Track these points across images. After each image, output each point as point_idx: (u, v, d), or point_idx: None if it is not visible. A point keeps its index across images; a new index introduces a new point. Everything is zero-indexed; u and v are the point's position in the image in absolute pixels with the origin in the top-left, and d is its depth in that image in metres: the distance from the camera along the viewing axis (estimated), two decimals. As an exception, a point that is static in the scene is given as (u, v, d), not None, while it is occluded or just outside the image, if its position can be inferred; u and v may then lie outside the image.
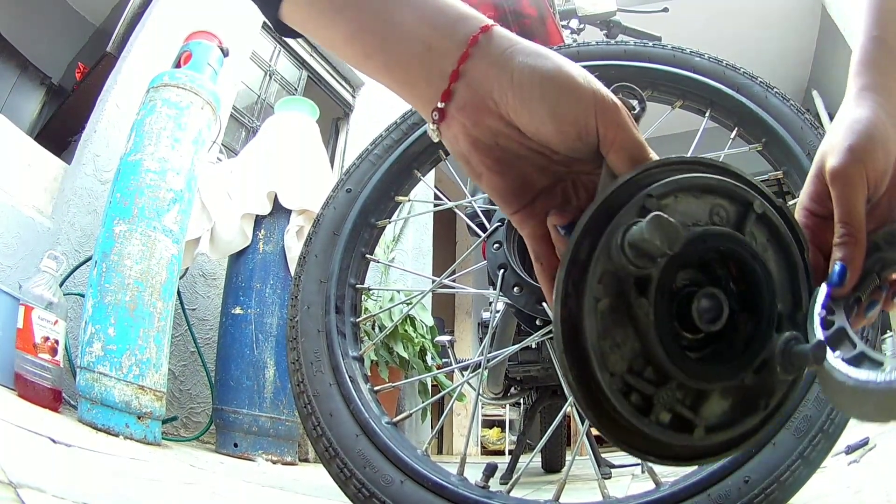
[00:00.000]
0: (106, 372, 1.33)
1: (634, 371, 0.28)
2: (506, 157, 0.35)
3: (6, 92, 3.24)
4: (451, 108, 0.35)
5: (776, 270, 0.32)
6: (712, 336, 0.30)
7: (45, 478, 0.63)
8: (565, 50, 0.94)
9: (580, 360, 0.28)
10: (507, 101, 0.33)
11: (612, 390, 0.28)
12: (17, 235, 1.72)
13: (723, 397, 0.30)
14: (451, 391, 0.93)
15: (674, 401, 0.29)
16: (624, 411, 0.28)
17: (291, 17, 0.39)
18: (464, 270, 0.98)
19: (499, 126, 0.34)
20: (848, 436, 0.85)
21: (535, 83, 0.33)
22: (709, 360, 0.30)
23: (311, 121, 2.15)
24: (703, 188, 0.31)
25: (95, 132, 2.02)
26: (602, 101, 0.32)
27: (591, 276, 0.28)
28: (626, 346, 0.28)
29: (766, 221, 0.32)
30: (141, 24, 2.39)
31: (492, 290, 0.86)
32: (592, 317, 0.28)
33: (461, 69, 0.34)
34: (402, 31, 0.35)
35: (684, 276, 0.30)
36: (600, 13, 1.57)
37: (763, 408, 0.31)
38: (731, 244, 0.30)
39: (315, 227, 0.86)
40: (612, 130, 0.32)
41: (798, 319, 0.32)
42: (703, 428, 0.29)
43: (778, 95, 0.82)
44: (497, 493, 0.65)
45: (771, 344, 0.30)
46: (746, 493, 0.59)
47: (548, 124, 0.33)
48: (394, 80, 0.37)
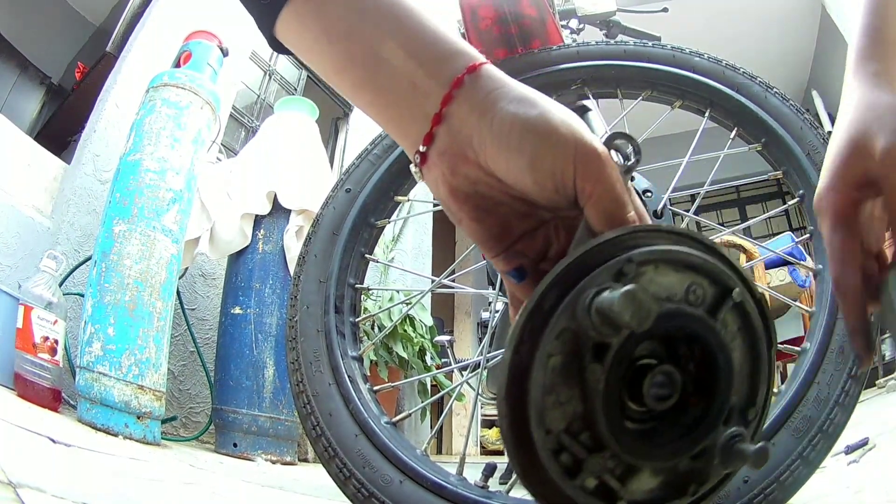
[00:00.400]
0: (105, 372, 1.33)
1: (571, 432, 0.28)
2: (485, 205, 0.34)
3: (6, 92, 3.24)
4: (433, 152, 0.34)
5: (740, 360, 0.31)
6: (658, 412, 0.30)
7: (45, 478, 0.63)
8: (565, 49, 0.94)
9: (519, 410, 0.28)
10: (486, 148, 0.32)
11: (543, 448, 0.27)
12: (17, 235, 1.72)
13: (654, 475, 0.30)
14: (450, 391, 0.93)
15: (603, 469, 0.28)
16: (551, 470, 0.27)
17: (285, 37, 0.38)
18: (463, 270, 0.98)
19: (478, 174, 0.33)
20: (848, 436, 0.85)
21: (515, 132, 0.31)
22: (648, 436, 0.30)
23: (310, 121, 2.15)
24: (687, 264, 0.29)
25: (95, 132, 2.02)
26: (583, 152, 0.30)
27: (550, 329, 0.27)
28: (569, 405, 0.28)
29: (742, 311, 0.31)
30: (141, 23, 2.39)
31: (491, 290, 0.86)
32: (541, 370, 0.27)
33: (443, 112, 0.33)
34: (389, 67, 0.34)
35: (645, 347, 0.30)
36: (600, 13, 1.57)
37: (692, 493, 0.30)
38: (700, 328, 0.29)
39: (314, 226, 0.86)
40: (590, 184, 0.30)
41: (749, 415, 0.31)
42: (626, 502, 0.29)
43: (777, 95, 0.82)
44: (496, 493, 0.65)
45: (715, 435, 0.29)
46: (746, 493, 0.59)
47: (525, 175, 0.31)
48: (381, 115, 0.36)
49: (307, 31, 0.36)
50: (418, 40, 0.34)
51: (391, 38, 0.34)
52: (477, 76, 0.33)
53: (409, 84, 0.34)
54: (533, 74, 0.92)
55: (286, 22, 0.37)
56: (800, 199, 0.77)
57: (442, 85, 0.33)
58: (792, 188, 0.79)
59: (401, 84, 0.34)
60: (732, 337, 0.31)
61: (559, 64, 0.92)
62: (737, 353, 0.31)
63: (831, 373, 0.64)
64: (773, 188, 5.45)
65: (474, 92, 0.32)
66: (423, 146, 0.34)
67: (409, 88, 0.34)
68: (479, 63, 0.34)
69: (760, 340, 0.31)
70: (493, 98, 0.32)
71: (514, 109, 0.31)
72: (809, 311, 0.71)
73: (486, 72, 0.33)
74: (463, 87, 0.33)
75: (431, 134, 0.33)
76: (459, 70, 0.33)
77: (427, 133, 0.33)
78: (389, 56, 0.34)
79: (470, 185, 0.34)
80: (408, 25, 0.34)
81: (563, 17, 1.52)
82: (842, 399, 0.62)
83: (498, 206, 0.34)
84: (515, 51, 1.02)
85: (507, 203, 0.34)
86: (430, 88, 0.33)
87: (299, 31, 0.37)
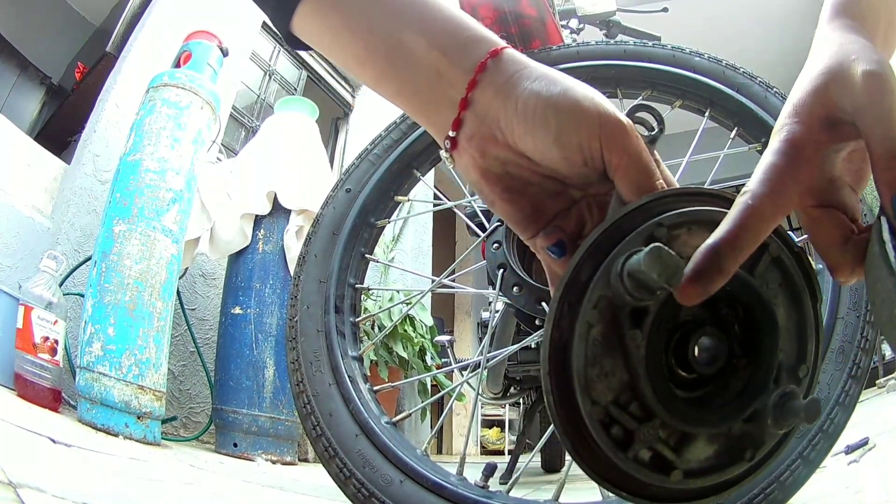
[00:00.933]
0: (105, 372, 1.33)
1: (620, 403, 0.27)
2: (516, 186, 0.35)
3: (6, 92, 3.24)
4: (462, 137, 0.34)
5: (784, 318, 0.30)
6: (707, 377, 0.29)
7: (45, 478, 0.63)
8: (564, 49, 0.94)
9: (564, 385, 0.27)
10: (513, 129, 0.32)
11: (592, 420, 0.27)
12: (17, 235, 1.72)
13: (709, 442, 0.29)
14: (450, 391, 0.93)
15: (656, 439, 0.28)
16: (602, 443, 0.27)
17: (303, 32, 0.38)
18: (463, 270, 0.98)
19: (507, 155, 0.34)
20: (848, 436, 0.85)
21: (539, 109, 0.31)
22: (698, 403, 0.29)
23: (310, 121, 2.15)
24: (718, 223, 0.28)
25: (95, 132, 2.02)
26: (608, 125, 0.31)
27: (588, 300, 0.27)
28: (615, 376, 0.27)
29: (781, 266, 0.30)
30: (141, 24, 2.39)
31: (491, 290, 0.86)
32: (582, 342, 0.27)
33: (469, 97, 0.33)
34: (413, 57, 0.34)
35: (688, 311, 0.29)
36: (600, 13, 1.57)
37: (748, 458, 0.29)
38: (740, 287, 0.29)
39: (314, 226, 0.86)
40: (616, 156, 0.31)
41: (800, 373, 0.30)
42: (682, 471, 0.28)
43: (777, 95, 0.82)
44: (496, 493, 0.65)
45: (765, 396, 0.28)
46: (746, 493, 0.59)
47: (553, 151, 0.32)
48: (408, 105, 0.37)
49: (327, 26, 0.37)
50: (439, 29, 0.35)
51: (411, 28, 0.35)
52: (499, 60, 0.33)
53: (434, 73, 0.34)
54: (533, 74, 0.92)
55: (304, 17, 0.37)
56: (800, 198, 0.77)
57: (466, 71, 0.33)
58: (792, 188, 0.79)
59: (425, 73, 0.34)
60: (774, 294, 0.30)
61: (559, 64, 0.92)
62: (780, 310, 0.30)
63: (831, 373, 0.64)
64: (773, 188, 5.45)
65: (498, 75, 0.33)
66: (452, 132, 0.34)
67: (434, 77, 0.34)
68: (501, 47, 0.34)
69: (804, 293, 0.30)
70: (517, 79, 0.33)
71: (538, 88, 0.32)
72: (809, 310, 0.71)
73: (507, 55, 0.34)
74: (487, 71, 0.33)
75: (459, 119, 0.34)
76: (482, 55, 0.33)
77: (455, 118, 0.34)
78: (412, 46, 0.34)
79: (500, 167, 0.34)
80: (427, 15, 0.35)
81: (563, 17, 1.53)
82: (842, 399, 0.62)
83: (529, 187, 0.35)
84: (515, 51, 1.02)
85: (538, 183, 0.35)
86: (454, 75, 0.34)
87: (319, 26, 0.37)
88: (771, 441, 0.30)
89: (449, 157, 0.36)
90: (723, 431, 0.29)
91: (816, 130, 0.32)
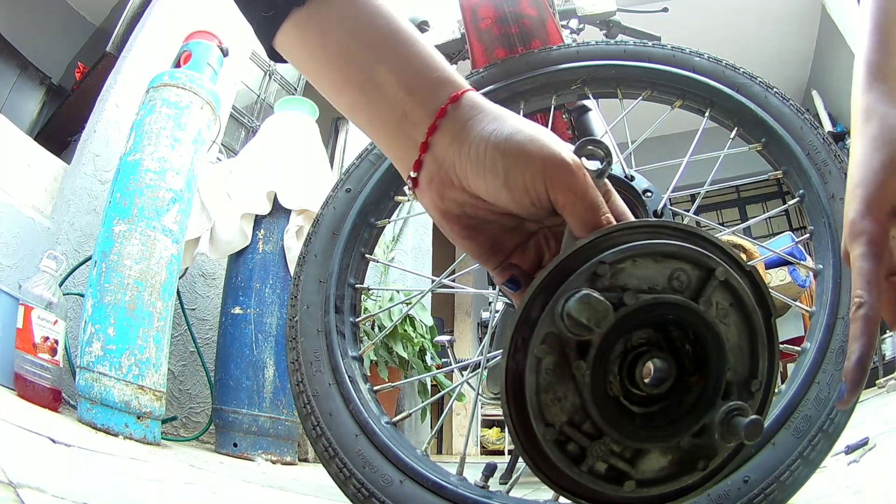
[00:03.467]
0: (105, 372, 1.33)
1: (574, 423, 0.30)
2: (475, 224, 0.37)
3: (6, 92, 3.24)
4: (422, 178, 0.36)
5: (736, 336, 0.32)
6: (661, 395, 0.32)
7: (45, 478, 0.63)
8: (564, 49, 0.94)
9: (520, 410, 0.30)
10: (466, 174, 0.34)
11: (545, 440, 0.30)
12: (17, 235, 1.72)
13: (662, 455, 0.31)
14: (450, 391, 0.93)
15: (609, 453, 0.30)
16: (555, 458, 0.30)
17: (284, 51, 0.40)
18: (463, 270, 0.98)
19: (463, 197, 0.35)
20: (848, 436, 0.85)
21: (489, 154, 0.33)
22: (648, 420, 0.31)
23: (310, 120, 2.15)
24: (664, 253, 0.31)
25: (95, 132, 2.02)
26: (551, 166, 0.32)
27: (535, 336, 0.30)
28: (567, 400, 0.30)
29: (730, 287, 0.32)
30: (141, 23, 2.39)
31: (491, 290, 0.86)
32: (533, 373, 0.30)
33: (429, 141, 0.35)
34: (383, 92, 0.36)
35: (640, 335, 0.31)
36: (600, 13, 1.57)
37: (702, 468, 0.31)
38: (682, 312, 0.31)
39: (314, 226, 0.86)
40: (561, 195, 0.32)
41: (753, 387, 0.32)
42: (635, 482, 0.31)
43: (777, 95, 0.82)
44: (496, 493, 0.65)
45: (713, 411, 0.30)
46: (746, 493, 0.59)
47: (502, 193, 0.33)
48: (376, 138, 0.38)
49: (306, 47, 0.38)
50: (409, 68, 0.36)
51: (385, 63, 0.36)
52: (458, 105, 0.35)
53: (401, 112, 0.36)
54: (533, 74, 0.92)
55: (287, 36, 0.38)
56: (800, 198, 0.77)
57: (429, 115, 0.35)
58: (792, 188, 0.79)
59: (393, 110, 0.36)
60: (725, 313, 0.32)
61: (559, 64, 0.92)
62: (732, 329, 0.32)
63: (832, 373, 0.64)
64: (773, 188, 5.44)
65: (455, 121, 0.35)
66: (413, 172, 0.36)
67: (400, 116, 0.36)
68: (462, 92, 0.36)
69: (754, 313, 0.32)
70: (471, 125, 0.34)
71: (486, 134, 0.34)
72: (809, 310, 0.71)
73: (466, 100, 0.35)
74: (446, 116, 0.35)
75: (420, 161, 0.36)
76: (443, 101, 0.35)
77: (416, 160, 0.36)
78: (383, 82, 0.36)
79: (458, 208, 0.36)
80: (401, 51, 0.36)
81: (563, 17, 1.52)
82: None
83: (487, 224, 0.37)
84: (515, 50, 1.02)
85: (495, 220, 0.37)
86: (418, 118, 0.35)
87: (300, 48, 0.38)
88: (723, 452, 0.31)
89: (412, 194, 0.38)
90: (673, 445, 0.31)
91: (887, 223, 0.39)
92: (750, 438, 0.28)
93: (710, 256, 0.31)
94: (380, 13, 0.37)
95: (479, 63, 1.06)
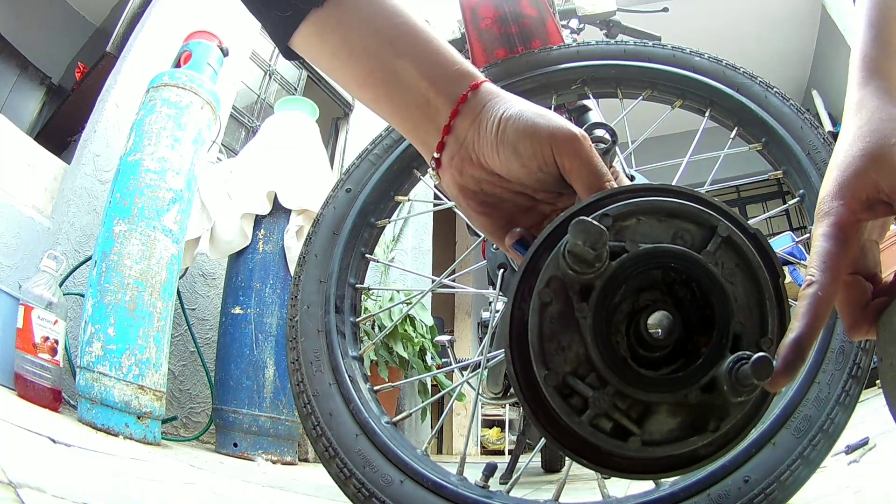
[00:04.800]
0: (106, 372, 1.33)
1: (578, 375, 0.30)
2: (491, 201, 0.40)
3: (6, 92, 3.24)
4: (444, 157, 0.40)
5: (744, 296, 0.32)
6: (671, 356, 0.31)
7: (45, 478, 0.63)
8: (565, 49, 0.94)
9: (523, 355, 0.30)
10: (483, 149, 0.38)
11: (546, 385, 0.29)
12: (17, 235, 1.72)
13: (671, 415, 0.30)
14: (450, 391, 0.93)
15: (613, 407, 0.29)
16: (556, 406, 0.29)
17: (302, 50, 0.42)
18: (464, 270, 0.98)
19: (481, 174, 0.39)
20: (848, 436, 0.85)
21: (501, 129, 0.37)
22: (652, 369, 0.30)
23: (310, 120, 2.15)
24: (666, 212, 0.32)
25: (95, 132, 2.02)
26: (558, 134, 0.35)
27: (540, 280, 0.30)
28: (571, 350, 0.30)
29: (733, 246, 0.32)
30: (141, 23, 2.39)
31: (491, 290, 0.86)
32: (536, 316, 0.30)
33: (451, 124, 0.39)
34: (405, 84, 0.39)
35: (646, 296, 0.31)
36: (600, 13, 1.57)
37: (713, 429, 0.30)
38: (685, 263, 0.31)
39: (315, 226, 0.86)
40: (567, 160, 0.35)
41: (763, 346, 0.31)
42: (640, 439, 0.29)
43: (778, 95, 0.82)
44: (497, 493, 0.65)
45: (721, 363, 0.30)
46: (746, 493, 0.59)
47: (513, 161, 0.36)
48: (400, 125, 0.41)
49: (326, 47, 0.40)
50: (430, 61, 0.40)
51: (406, 57, 0.39)
52: (478, 92, 0.39)
53: (424, 100, 0.39)
54: (533, 74, 0.92)
55: (305, 36, 0.40)
56: (800, 198, 0.77)
57: (451, 101, 0.39)
58: (792, 188, 0.79)
59: (416, 100, 0.39)
60: (731, 273, 0.32)
61: (559, 63, 0.92)
62: (739, 289, 0.32)
63: (832, 372, 0.64)
64: (773, 188, 5.45)
65: (474, 105, 0.38)
66: (436, 153, 0.40)
67: (423, 103, 0.39)
68: (480, 81, 0.40)
69: (759, 270, 0.32)
70: (488, 108, 0.38)
71: (501, 112, 0.37)
72: (810, 310, 0.71)
73: (485, 88, 0.39)
74: (467, 102, 0.39)
75: (443, 142, 0.39)
76: (464, 89, 0.39)
77: (439, 142, 0.39)
78: (405, 74, 0.39)
79: (475, 184, 0.39)
80: (420, 46, 0.40)
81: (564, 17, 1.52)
82: (842, 399, 0.62)
83: (502, 203, 0.40)
84: (515, 50, 1.02)
85: (510, 199, 0.40)
86: (440, 104, 0.39)
87: (318, 46, 0.41)
88: (736, 412, 0.30)
89: (435, 173, 0.41)
90: (681, 401, 0.30)
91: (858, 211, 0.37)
92: (760, 377, 0.27)
93: (713, 215, 0.32)
94: (396, 12, 0.40)
95: (479, 63, 1.06)
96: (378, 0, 0.40)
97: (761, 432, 0.62)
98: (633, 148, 0.93)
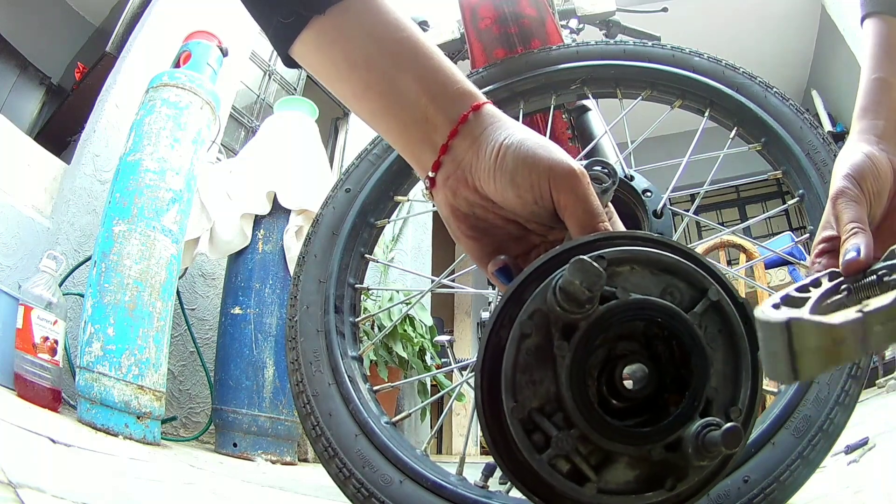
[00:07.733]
0: (105, 372, 1.33)
1: (544, 412, 0.30)
2: (481, 226, 0.39)
3: (6, 92, 3.24)
4: (439, 177, 0.39)
5: (721, 363, 0.32)
6: (639, 408, 0.31)
7: (45, 478, 0.63)
8: (564, 49, 0.94)
9: (493, 382, 0.30)
10: (480, 173, 0.36)
11: (511, 416, 0.29)
12: (17, 235, 1.72)
13: (630, 467, 0.30)
14: (450, 391, 0.93)
15: (574, 451, 0.29)
16: (518, 441, 0.29)
17: (302, 59, 0.41)
18: (463, 270, 0.98)
19: (475, 198, 0.38)
20: (848, 436, 0.85)
21: (500, 156, 0.36)
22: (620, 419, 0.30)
23: (310, 120, 2.15)
24: (661, 266, 0.31)
25: (95, 132, 2.02)
26: (557, 169, 0.34)
27: (524, 311, 0.30)
28: (543, 386, 0.30)
29: (720, 311, 0.32)
30: (140, 24, 2.39)
31: (491, 290, 0.86)
32: (514, 346, 0.30)
33: (450, 144, 0.38)
34: (405, 98, 0.38)
35: (623, 346, 0.31)
36: (599, 13, 1.57)
37: (669, 488, 0.30)
38: (672, 320, 0.30)
39: (314, 226, 0.86)
40: (564, 196, 0.34)
41: (732, 414, 0.31)
42: (596, 486, 0.29)
43: (777, 95, 0.82)
44: (496, 493, 0.65)
45: (689, 425, 0.30)
46: (746, 493, 0.59)
47: (509, 190, 0.35)
48: (396, 141, 0.40)
49: (326, 56, 0.39)
50: (431, 77, 0.38)
51: (407, 71, 0.38)
52: (479, 114, 0.38)
53: (422, 116, 0.38)
54: (532, 74, 0.92)
55: (305, 45, 0.39)
56: (799, 198, 0.77)
57: (451, 120, 0.38)
58: (792, 188, 0.79)
59: (414, 116, 0.38)
60: (713, 338, 0.32)
61: (559, 63, 0.92)
62: (718, 355, 0.32)
63: (831, 372, 0.64)
64: (772, 188, 5.44)
65: (475, 127, 0.37)
66: (432, 172, 0.39)
67: (421, 120, 0.38)
68: (482, 103, 0.39)
69: (742, 340, 0.32)
70: (488, 132, 0.37)
71: (502, 138, 0.36)
72: (809, 310, 0.71)
73: (486, 110, 0.38)
74: (467, 123, 0.37)
75: (439, 162, 0.38)
76: (465, 109, 0.38)
77: (435, 161, 0.38)
78: (405, 89, 0.38)
79: (468, 207, 0.39)
80: (421, 61, 0.38)
81: (563, 17, 1.52)
82: (842, 398, 0.62)
83: (493, 229, 0.39)
84: (515, 50, 1.02)
85: (501, 226, 0.39)
86: (440, 122, 0.38)
87: (319, 55, 0.40)
88: (695, 475, 0.30)
89: (428, 193, 0.40)
90: (644, 455, 0.30)
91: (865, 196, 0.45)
92: (728, 447, 0.28)
93: (706, 278, 0.31)
94: (399, 25, 0.39)
95: (479, 63, 1.06)
96: (382, 12, 0.39)
97: (761, 432, 0.62)
98: (633, 148, 0.93)
